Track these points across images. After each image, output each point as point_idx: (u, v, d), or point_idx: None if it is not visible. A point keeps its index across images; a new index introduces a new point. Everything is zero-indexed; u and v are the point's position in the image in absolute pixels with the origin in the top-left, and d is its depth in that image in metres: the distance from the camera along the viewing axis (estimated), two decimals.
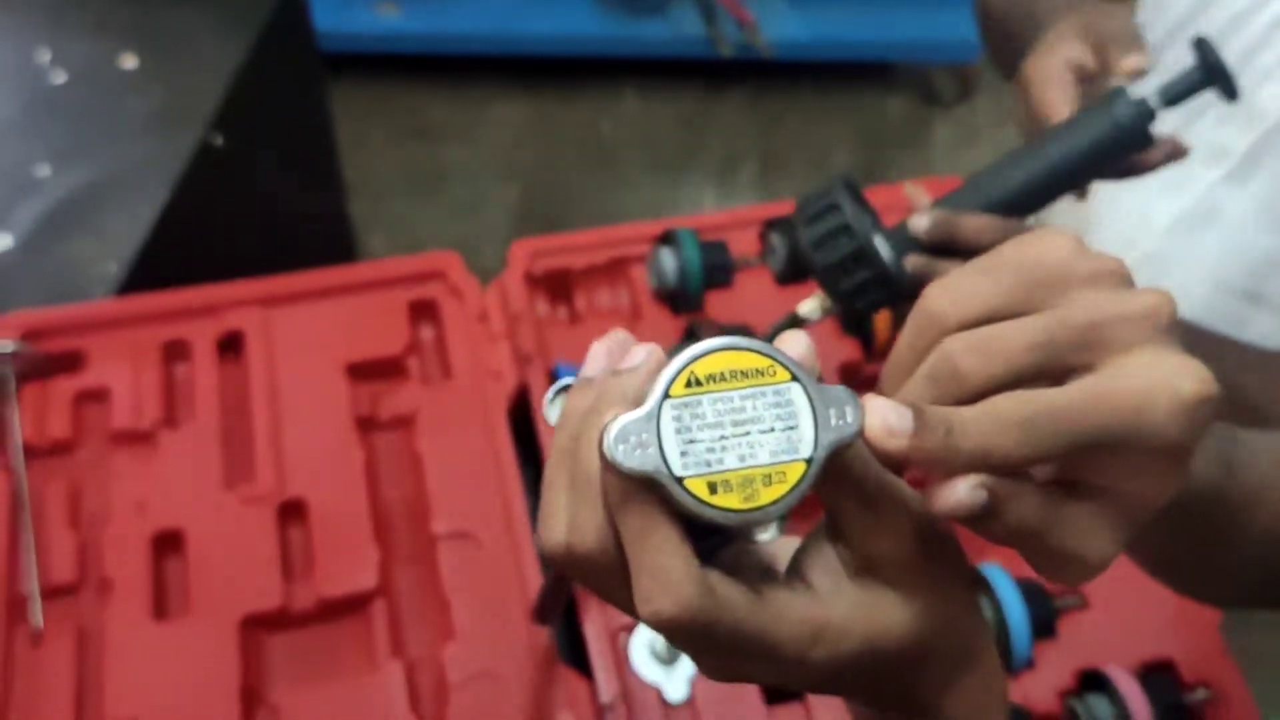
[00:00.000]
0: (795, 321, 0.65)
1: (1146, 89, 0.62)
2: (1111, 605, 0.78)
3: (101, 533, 0.78)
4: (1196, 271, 0.83)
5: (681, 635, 0.32)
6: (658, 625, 0.31)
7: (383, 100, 2.31)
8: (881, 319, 0.88)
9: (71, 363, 0.84)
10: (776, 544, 0.36)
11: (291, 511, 0.80)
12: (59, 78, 1.08)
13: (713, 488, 0.29)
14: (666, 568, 0.30)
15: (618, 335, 0.35)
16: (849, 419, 0.30)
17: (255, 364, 0.86)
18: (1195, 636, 0.77)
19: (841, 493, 0.33)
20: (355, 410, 0.85)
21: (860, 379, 0.90)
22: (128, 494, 0.80)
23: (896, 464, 0.32)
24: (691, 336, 0.88)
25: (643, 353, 0.33)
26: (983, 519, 0.33)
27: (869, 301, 0.63)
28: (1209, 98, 0.64)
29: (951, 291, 0.35)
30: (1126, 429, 0.31)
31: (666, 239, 0.92)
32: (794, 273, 0.84)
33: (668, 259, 0.90)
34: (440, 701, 0.74)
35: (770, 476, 0.30)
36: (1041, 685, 0.75)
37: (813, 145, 2.39)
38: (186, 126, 1.06)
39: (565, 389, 0.36)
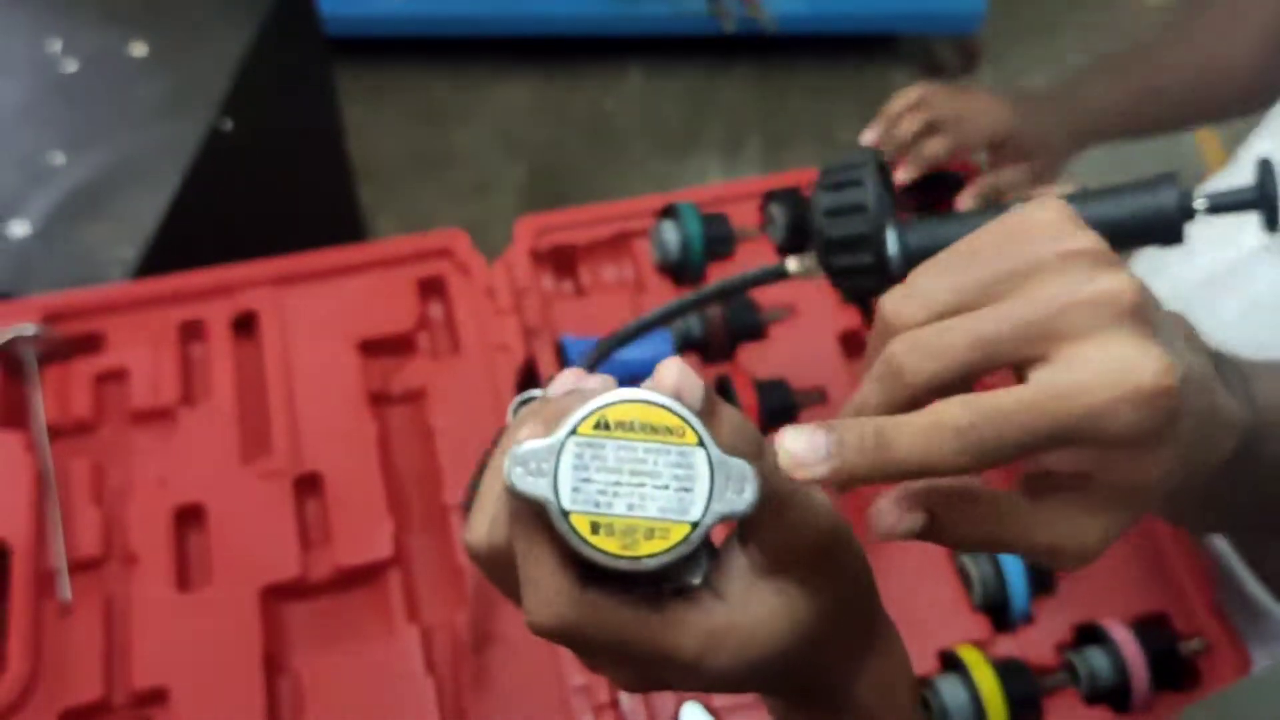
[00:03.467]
0: (780, 273, 0.65)
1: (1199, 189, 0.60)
2: (1108, 561, 0.80)
3: (125, 508, 0.80)
4: (1204, 327, 0.82)
5: (564, 644, 0.33)
6: (538, 634, 0.32)
7: (389, 83, 2.33)
8: None
9: (91, 344, 0.87)
10: None
11: (307, 485, 0.83)
12: (70, 66, 1.10)
13: (595, 528, 0.30)
14: (544, 584, 0.32)
15: (576, 372, 0.35)
16: (744, 495, 0.31)
17: (269, 342, 0.88)
18: (1188, 590, 0.78)
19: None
20: (367, 385, 0.87)
21: (858, 344, 0.92)
22: (149, 470, 0.82)
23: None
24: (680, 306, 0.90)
25: (595, 382, 0.33)
26: (930, 536, 0.33)
27: (855, 285, 0.62)
28: None
29: (905, 294, 0.35)
30: (1078, 427, 0.31)
31: (668, 213, 0.94)
32: (794, 243, 0.86)
33: (670, 232, 0.92)
34: (455, 664, 0.76)
35: (654, 530, 0.31)
36: (1040, 639, 0.77)
37: (817, 119, 2.39)
38: (196, 112, 1.08)
39: (527, 401, 0.37)
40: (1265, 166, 0.59)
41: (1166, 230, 0.58)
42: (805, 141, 2.36)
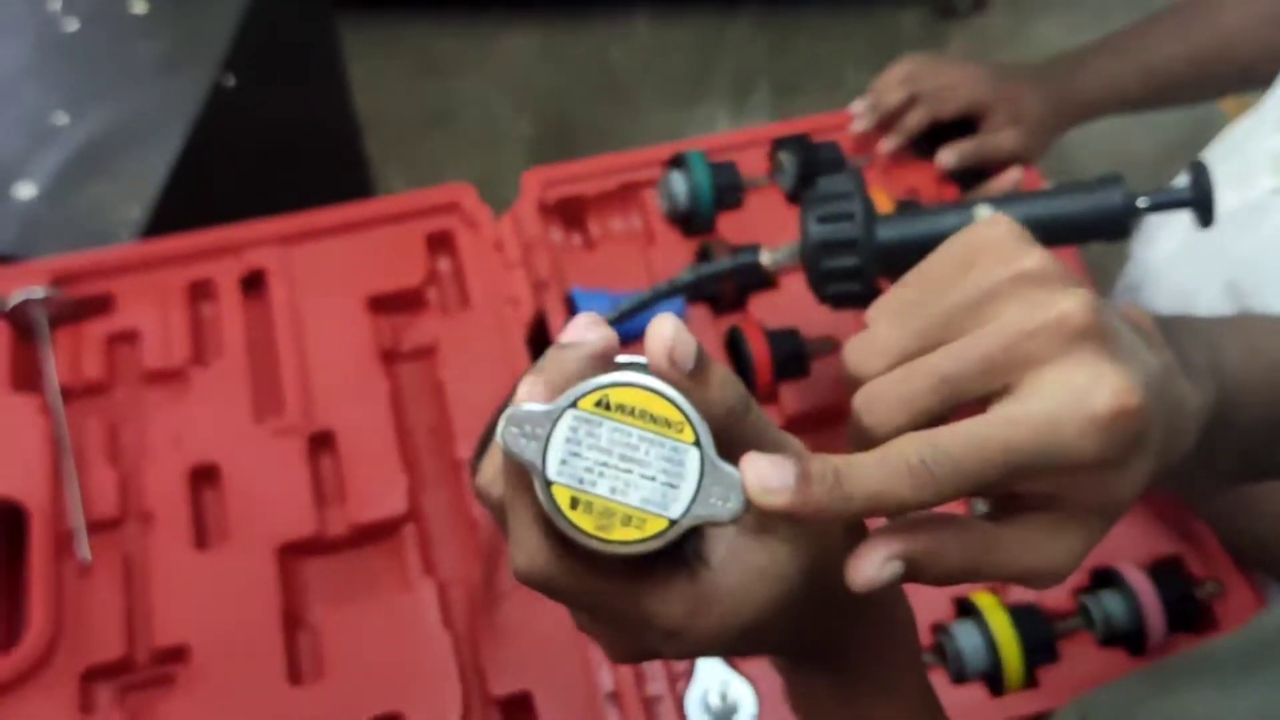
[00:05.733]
0: (753, 265, 0.67)
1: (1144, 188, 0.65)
2: None
3: (140, 468, 0.80)
4: (1218, 265, 0.83)
5: (545, 593, 0.33)
6: (521, 579, 0.33)
7: (394, 36, 2.30)
8: None
9: (101, 306, 0.87)
10: None
11: (321, 442, 0.83)
12: (71, 25, 1.09)
13: (574, 503, 0.30)
14: (527, 533, 0.32)
15: (591, 315, 0.35)
16: (729, 504, 0.31)
17: (278, 301, 0.88)
18: (1203, 533, 0.78)
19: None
20: (378, 342, 0.87)
21: None
22: (163, 430, 0.82)
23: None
24: (704, 257, 0.89)
25: (594, 335, 0.33)
26: (910, 578, 0.33)
27: (842, 305, 0.66)
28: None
29: (864, 345, 0.35)
30: (1035, 457, 0.31)
31: (676, 162, 0.93)
32: (803, 190, 0.85)
33: (678, 182, 0.91)
34: (472, 617, 0.77)
35: (630, 518, 0.30)
36: None
37: (825, 63, 2.36)
38: (199, 69, 1.06)
39: None
40: (1199, 168, 0.64)
41: (1114, 227, 0.64)
42: (815, 85, 2.33)
